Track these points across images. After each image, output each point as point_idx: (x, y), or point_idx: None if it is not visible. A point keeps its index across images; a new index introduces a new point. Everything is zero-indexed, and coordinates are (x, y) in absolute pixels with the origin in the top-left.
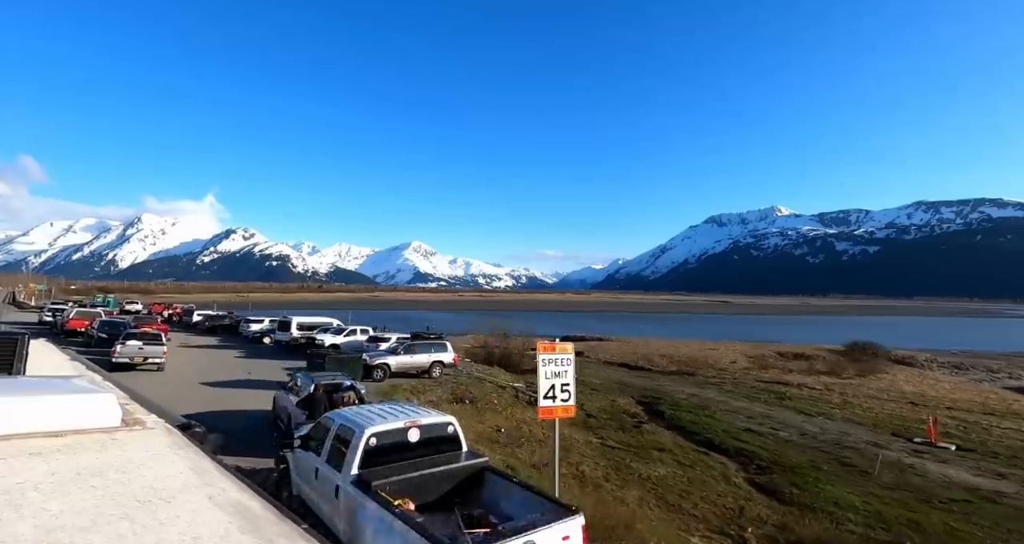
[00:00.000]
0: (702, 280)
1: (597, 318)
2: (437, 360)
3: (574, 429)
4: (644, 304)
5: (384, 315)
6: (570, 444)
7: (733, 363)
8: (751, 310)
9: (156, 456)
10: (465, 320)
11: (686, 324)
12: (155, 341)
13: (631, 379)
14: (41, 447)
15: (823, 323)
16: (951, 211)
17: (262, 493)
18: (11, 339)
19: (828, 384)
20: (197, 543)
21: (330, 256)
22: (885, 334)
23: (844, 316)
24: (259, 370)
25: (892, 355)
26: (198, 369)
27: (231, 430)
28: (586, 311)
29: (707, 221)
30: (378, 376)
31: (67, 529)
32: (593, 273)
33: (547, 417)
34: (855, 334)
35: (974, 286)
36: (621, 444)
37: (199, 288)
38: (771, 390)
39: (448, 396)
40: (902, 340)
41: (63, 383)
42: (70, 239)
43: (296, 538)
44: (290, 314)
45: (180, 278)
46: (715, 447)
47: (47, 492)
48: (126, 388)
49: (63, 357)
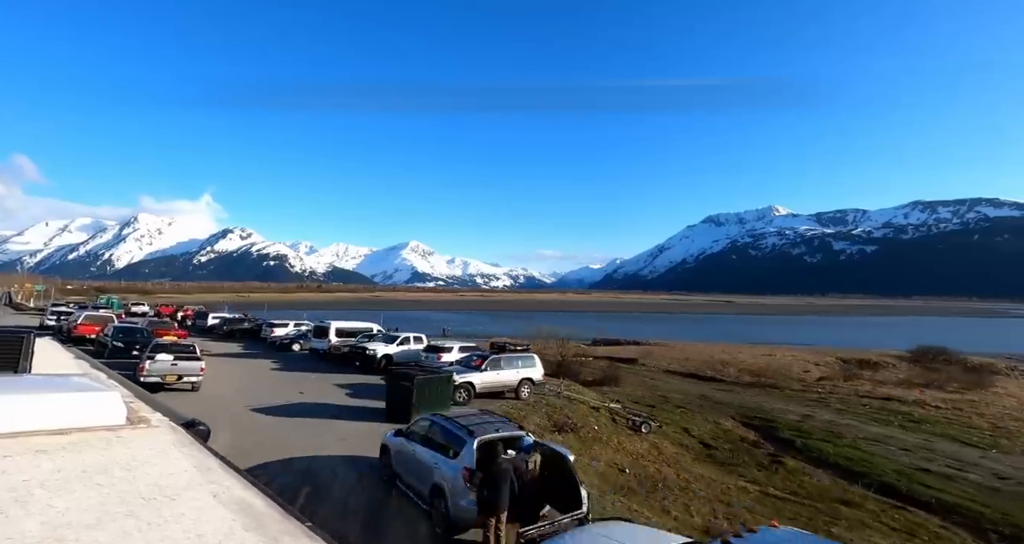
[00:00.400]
0: (700, 280)
1: (598, 318)
2: (526, 377)
3: (700, 464)
4: (646, 304)
5: (395, 317)
6: (720, 490)
7: (807, 373)
8: (755, 310)
9: (161, 454)
10: (476, 321)
11: (697, 325)
12: (189, 355)
13: (711, 392)
14: (47, 445)
15: (839, 324)
16: (948, 211)
17: (266, 491)
18: (16, 337)
19: (949, 401)
20: (201, 540)
21: (327, 256)
22: (916, 335)
23: (854, 316)
24: (308, 388)
25: (968, 362)
26: (237, 387)
27: (338, 495)
28: (588, 311)
29: (705, 221)
30: (461, 398)
31: (73, 526)
32: (591, 273)
33: None
34: (879, 336)
35: (971, 285)
36: (786, 492)
37: (198, 288)
38: (888, 409)
39: (547, 423)
40: (946, 342)
41: (68, 381)
42: (65, 239)
43: (300, 536)
44: (325, 319)
45: (177, 278)
46: (905, 497)
47: (53, 489)
48: (131, 386)
49: (68, 355)
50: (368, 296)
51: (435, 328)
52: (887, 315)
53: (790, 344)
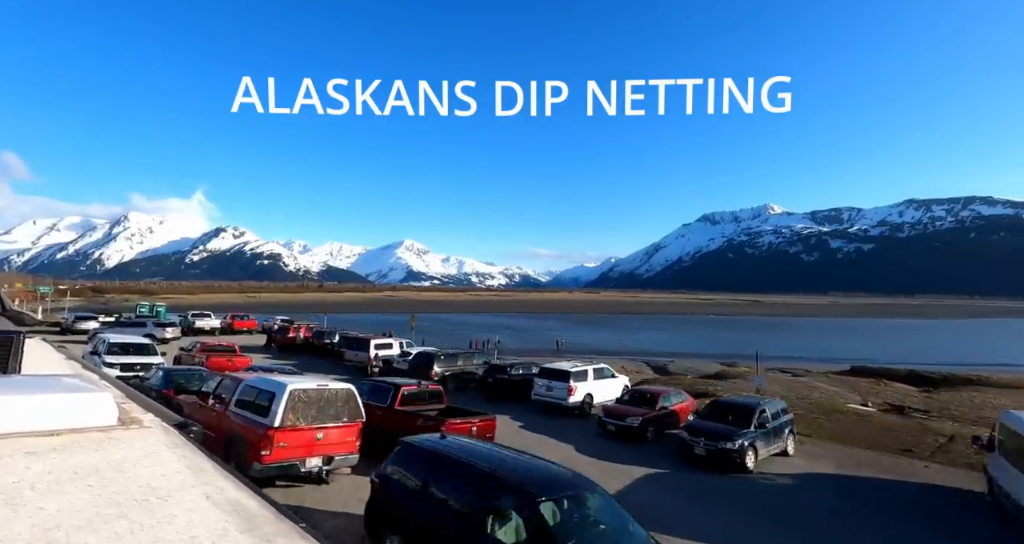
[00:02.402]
0: (697, 278)
1: (644, 321)
2: None
3: None
4: (669, 304)
5: (432, 321)
6: None
7: None
8: (787, 311)
9: (153, 455)
10: (540, 326)
11: (771, 334)
12: None
13: None
14: (37, 446)
15: (894, 329)
16: (942, 209)
17: (260, 492)
18: (6, 337)
19: None
20: (195, 542)
21: (321, 255)
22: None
23: (893, 318)
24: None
25: None
26: None
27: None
28: (614, 313)
29: (700, 219)
30: None
31: (64, 528)
32: (586, 271)
33: None
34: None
35: (970, 284)
36: None
37: (200, 288)
38: None
39: None
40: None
41: (59, 382)
42: (54, 238)
43: (295, 536)
44: (390, 333)
45: (169, 277)
46: None
47: (43, 491)
48: (122, 387)
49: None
50: (381, 296)
51: (485, 334)
52: (920, 317)
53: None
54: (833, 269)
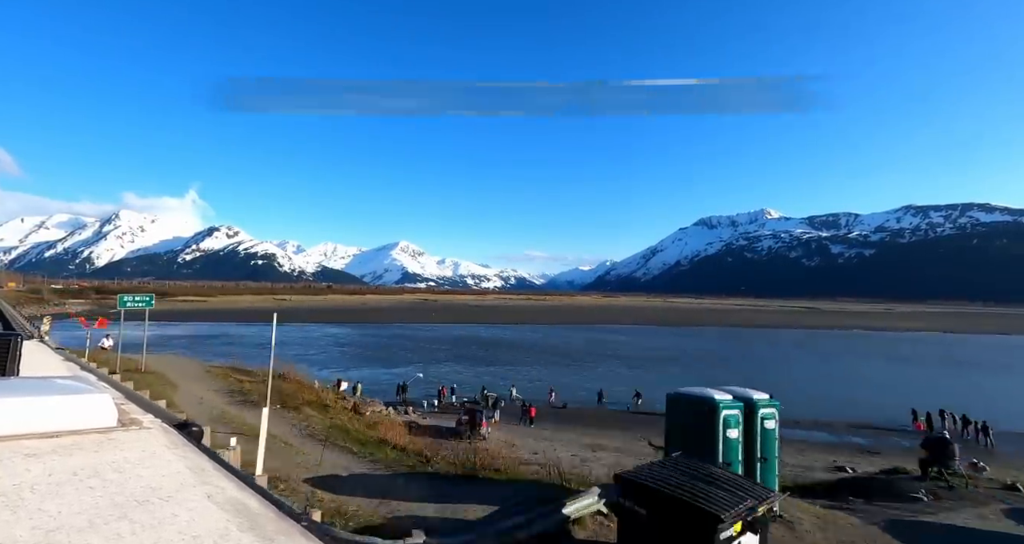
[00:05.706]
0: (695, 282)
1: (696, 336)
2: None
3: None
4: (710, 311)
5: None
6: None
7: None
8: (869, 322)
9: (153, 455)
10: (544, 342)
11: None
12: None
13: None
14: (37, 448)
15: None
16: (940, 215)
17: (261, 491)
18: (4, 340)
19: None
20: (196, 542)
21: (315, 255)
22: None
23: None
24: None
25: None
26: None
27: None
28: (660, 324)
29: (697, 223)
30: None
31: (65, 530)
32: (582, 275)
33: None
34: None
35: (971, 289)
36: None
37: (218, 290)
38: None
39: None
40: None
41: (58, 384)
42: (42, 236)
43: (296, 536)
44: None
45: (160, 277)
46: None
47: (44, 493)
48: (122, 388)
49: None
50: (410, 299)
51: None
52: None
53: None
54: (836, 274)
